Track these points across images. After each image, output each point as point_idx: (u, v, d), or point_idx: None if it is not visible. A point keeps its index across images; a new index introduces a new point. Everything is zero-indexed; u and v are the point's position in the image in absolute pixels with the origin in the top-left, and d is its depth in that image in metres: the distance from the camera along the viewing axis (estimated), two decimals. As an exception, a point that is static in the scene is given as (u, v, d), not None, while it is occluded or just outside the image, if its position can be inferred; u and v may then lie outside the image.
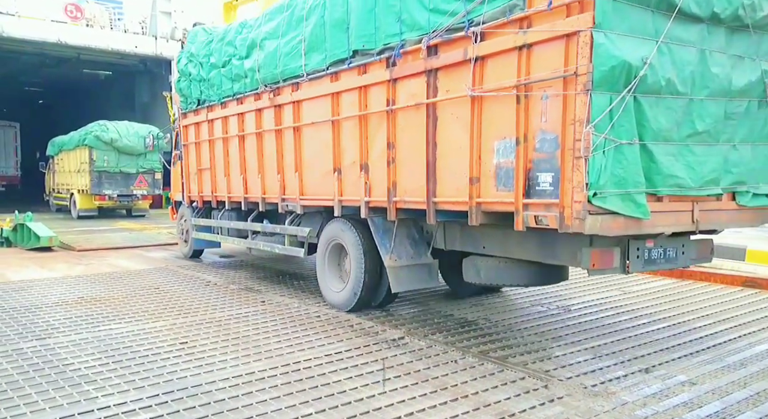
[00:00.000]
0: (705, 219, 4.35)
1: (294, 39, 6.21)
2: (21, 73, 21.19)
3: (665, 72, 3.87)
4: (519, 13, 4.00)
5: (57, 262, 9.47)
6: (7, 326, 5.43)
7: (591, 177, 3.61)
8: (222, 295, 6.85)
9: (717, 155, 4.30)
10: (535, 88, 3.94)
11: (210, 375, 4.13)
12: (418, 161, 4.89)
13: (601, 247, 4.16)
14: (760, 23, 4.38)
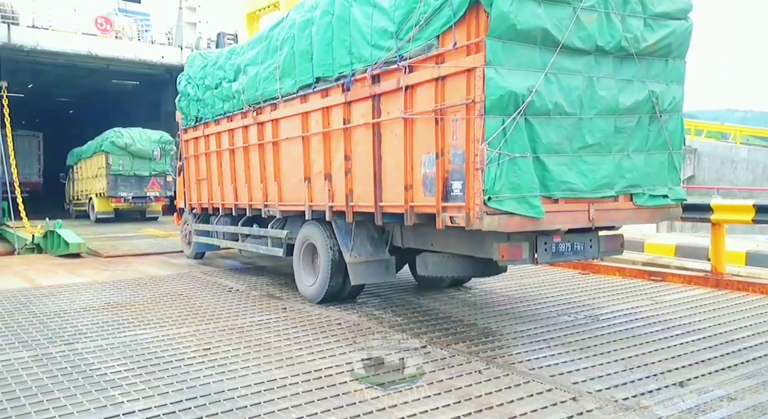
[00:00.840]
0: (602, 217, 5.18)
1: (271, 66, 7.22)
2: (53, 85, 21.85)
3: (552, 97, 4.73)
4: (435, 51, 4.96)
5: (85, 268, 9.69)
6: (38, 330, 5.56)
7: (487, 184, 4.50)
8: (244, 302, 6.90)
9: (609, 163, 5.12)
10: (448, 112, 4.84)
11: (232, 381, 4.15)
12: (368, 171, 5.80)
13: (510, 242, 4.98)
14: (645, 52, 5.21)
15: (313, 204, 6.73)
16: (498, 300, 6.88)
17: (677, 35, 5.42)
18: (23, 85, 19.87)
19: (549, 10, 4.68)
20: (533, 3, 4.63)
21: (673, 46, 5.41)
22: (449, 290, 7.51)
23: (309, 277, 6.93)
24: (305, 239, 6.97)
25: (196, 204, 10.04)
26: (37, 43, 16.76)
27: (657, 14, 5.29)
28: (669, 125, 5.52)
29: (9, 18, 16.78)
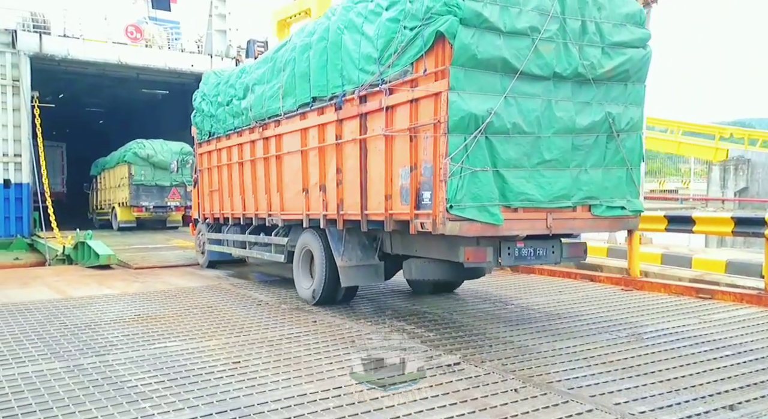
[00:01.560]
0: (559, 226, 5.87)
1: (275, 85, 8.09)
2: (84, 94, 22.66)
3: (511, 118, 5.45)
4: (410, 76, 5.72)
5: (115, 280, 10.00)
6: (69, 342, 5.77)
7: (449, 194, 5.24)
8: (273, 314, 7.03)
9: (567, 177, 5.83)
10: (421, 130, 5.58)
11: (262, 395, 4.24)
12: (356, 182, 6.55)
13: (475, 246, 5.69)
14: (602, 77, 5.91)
15: (310, 213, 7.48)
16: (535, 317, 6.85)
17: (634, 62, 6.11)
18: (54, 95, 20.68)
19: (508, 42, 5.42)
20: (493, 35, 5.36)
21: (630, 72, 6.12)
22: (485, 305, 7.51)
23: (306, 281, 7.72)
24: (303, 246, 7.75)
25: (209, 214, 10.89)
26: (68, 53, 17.46)
27: (614, 43, 5.98)
28: (627, 143, 6.22)
29: (41, 27, 17.55)
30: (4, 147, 16.36)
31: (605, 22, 5.94)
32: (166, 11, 32.94)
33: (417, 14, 5.52)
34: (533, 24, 5.51)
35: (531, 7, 5.52)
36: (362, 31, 6.34)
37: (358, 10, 6.53)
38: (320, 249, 7.28)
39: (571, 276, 9.79)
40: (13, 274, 11.09)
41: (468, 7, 5.20)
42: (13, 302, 7.83)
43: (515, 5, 5.45)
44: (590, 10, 5.84)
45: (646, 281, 8.71)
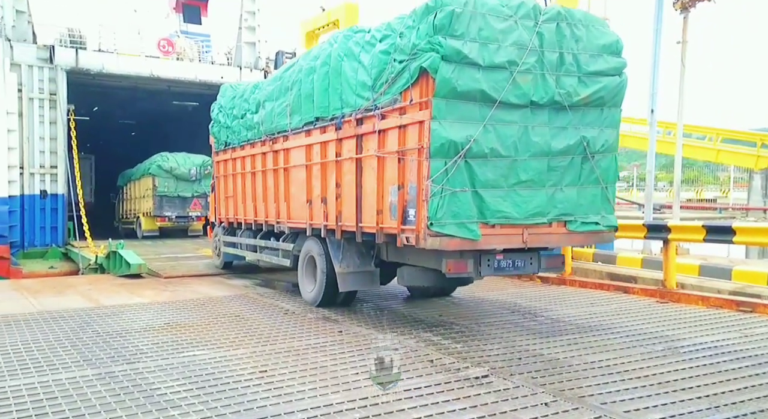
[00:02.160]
0: (535, 240, 6.40)
1: (283, 103, 8.76)
2: (117, 107, 23.32)
3: (489, 143, 6.00)
4: (399, 104, 6.31)
5: (145, 288, 10.21)
6: (101, 349, 5.92)
7: (430, 213, 5.83)
8: (300, 324, 7.09)
9: (542, 196, 6.36)
10: (408, 153, 6.19)
11: (289, 405, 4.28)
12: (352, 196, 7.19)
13: (457, 258, 6.26)
14: (578, 104, 6.42)
15: (313, 222, 8.13)
16: (566, 329, 6.74)
17: (610, 89, 6.60)
18: (88, 108, 21.34)
19: (487, 75, 5.93)
20: (472, 69, 5.87)
21: (606, 98, 6.60)
22: (514, 317, 7.44)
23: (309, 284, 8.34)
24: (307, 252, 8.40)
25: (225, 219, 11.65)
26: (102, 67, 18.01)
27: (591, 72, 6.46)
28: (602, 164, 6.71)
29: (77, 43, 18.17)
30: (41, 159, 16.92)
31: (582, 53, 6.43)
32: (197, 25, 33.81)
33: (405, 49, 6.12)
34: (511, 58, 6.04)
35: (510, 42, 6.03)
36: (359, 60, 6.99)
37: (356, 40, 7.22)
38: (321, 256, 7.91)
39: (603, 288, 9.62)
40: (48, 282, 11.43)
41: (449, 45, 5.74)
42: (48, 310, 8.06)
43: (494, 42, 5.97)
44: (568, 42, 6.34)
45: (683, 293, 8.50)
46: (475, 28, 5.89)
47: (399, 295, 9.25)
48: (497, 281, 10.87)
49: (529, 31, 6.13)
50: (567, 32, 6.33)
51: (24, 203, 16.54)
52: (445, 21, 5.78)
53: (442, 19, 5.78)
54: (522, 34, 6.08)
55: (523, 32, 6.10)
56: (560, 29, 6.30)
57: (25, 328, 6.91)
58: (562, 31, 6.31)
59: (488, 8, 6.00)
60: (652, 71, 13.31)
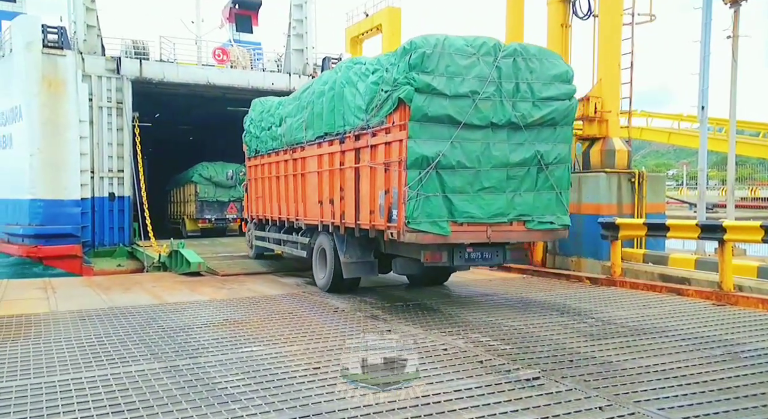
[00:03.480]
0: (497, 236, 7.66)
1: (300, 119, 10.23)
2: (176, 114, 24.07)
3: (456, 157, 7.27)
4: (385, 125, 7.63)
5: (204, 286, 10.53)
6: (166, 344, 6.13)
7: (407, 213, 7.10)
8: (350, 322, 7.15)
9: (503, 200, 7.60)
10: (392, 165, 7.46)
11: (342, 402, 4.32)
12: (352, 199, 8.48)
13: (434, 250, 7.53)
14: (533, 124, 7.65)
15: (323, 220, 9.39)
16: (618, 331, 6.56)
17: (560, 111, 7.79)
18: (151, 115, 22.14)
19: (453, 102, 7.21)
20: (441, 98, 7.15)
21: (557, 118, 7.80)
22: (564, 318, 7.29)
23: (321, 272, 9.61)
24: (319, 245, 9.67)
25: (255, 216, 13.30)
26: (163, 76, 18.65)
27: (543, 98, 7.66)
28: (555, 173, 7.89)
29: (141, 54, 18.90)
30: (109, 163, 17.66)
31: (536, 82, 7.62)
32: (249, 33, 34.57)
33: (389, 81, 7.44)
34: (474, 88, 7.28)
35: (472, 75, 7.27)
36: (357, 88, 8.31)
37: (354, 70, 8.50)
38: (330, 248, 9.16)
39: (655, 290, 9.30)
40: (116, 279, 11.93)
41: (421, 80, 7.04)
42: (117, 305, 8.42)
43: (459, 76, 7.20)
44: (523, 73, 7.55)
45: (741, 295, 8.12)
46: (443, 65, 7.15)
47: (450, 295, 9.21)
48: (544, 283, 10.67)
49: (489, 65, 7.38)
50: (522, 65, 7.55)
51: (94, 205, 17.30)
52: (417, 60, 7.07)
53: (415, 58, 7.07)
54: (483, 69, 7.34)
55: (484, 67, 7.35)
56: (516, 63, 7.52)
57: (98, 322, 7.23)
58: (518, 65, 7.53)
59: (454, 48, 7.25)
60: (701, 67, 12.80)
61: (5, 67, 17.94)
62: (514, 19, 15.08)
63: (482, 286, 10.25)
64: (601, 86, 12.51)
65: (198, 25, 23.80)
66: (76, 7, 17.55)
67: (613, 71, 12.57)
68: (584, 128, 13.02)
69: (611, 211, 11.64)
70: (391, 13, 28.16)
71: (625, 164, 12.51)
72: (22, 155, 16.90)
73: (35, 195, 16.48)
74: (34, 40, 16.43)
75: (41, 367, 5.28)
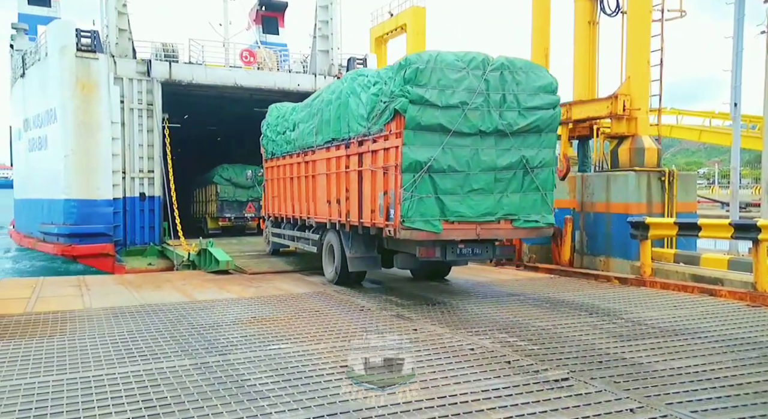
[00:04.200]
0: (486, 233, 8.26)
1: (311, 125, 11.05)
2: (204, 115, 24.41)
3: (447, 162, 7.87)
4: (384, 133, 8.28)
5: (232, 284, 10.65)
6: (196, 341, 6.22)
7: (403, 212, 7.72)
8: (375, 321, 7.15)
9: (491, 200, 8.19)
10: (389, 169, 8.10)
11: (369, 400, 4.32)
12: (356, 199, 9.17)
13: (428, 246, 8.16)
14: (519, 131, 8.22)
15: (331, 218, 10.07)
16: (648, 332, 6.42)
17: (545, 120, 8.38)
18: (180, 116, 22.51)
19: (444, 112, 7.81)
20: (433, 109, 7.76)
21: (542, 126, 8.38)
22: (592, 319, 7.17)
23: (329, 266, 10.37)
24: (328, 241, 10.38)
25: (272, 214, 14.07)
26: (192, 78, 18.94)
27: (528, 107, 8.24)
28: (540, 176, 8.47)
29: (170, 56, 19.21)
30: (140, 164, 18.00)
31: (521, 93, 8.21)
32: (275, 35, 34.88)
33: (387, 93, 8.11)
34: (463, 99, 7.87)
35: (462, 87, 7.86)
36: (360, 98, 9.00)
37: (358, 82, 9.19)
38: (337, 244, 9.90)
39: (686, 290, 9.08)
40: (147, 278, 12.15)
41: (415, 92, 7.69)
42: (148, 303, 8.57)
43: (449, 88, 7.81)
44: (510, 85, 8.15)
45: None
46: (435, 79, 7.77)
47: (476, 295, 9.15)
48: (572, 283, 10.52)
49: (477, 78, 7.97)
50: (509, 78, 8.15)
51: (126, 205, 17.65)
52: (412, 75, 7.71)
53: (410, 73, 7.72)
54: (472, 81, 7.93)
55: (473, 80, 7.94)
56: (503, 76, 8.12)
57: (130, 319, 7.37)
58: (505, 77, 8.13)
59: (446, 63, 7.84)
60: (734, 63, 12.47)
61: (41, 71, 18.44)
62: (540, 17, 14.90)
63: (508, 286, 10.15)
64: (630, 84, 12.28)
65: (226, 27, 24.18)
66: (109, 12, 17.91)
67: (642, 68, 12.32)
68: (612, 126, 12.80)
69: (640, 210, 11.42)
70: (416, 12, 28.09)
71: (655, 163, 12.26)
72: (57, 156, 17.34)
73: (69, 195, 16.89)
74: (68, 44, 16.85)
75: (76, 363, 5.40)
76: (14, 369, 5.19)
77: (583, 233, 12.96)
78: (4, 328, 6.84)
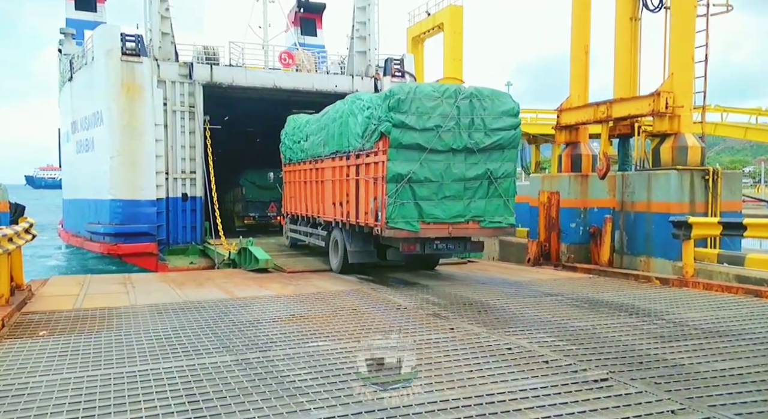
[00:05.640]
0: (457, 232, 10.00)
1: (319, 137, 12.88)
2: (244, 116, 24.83)
3: (424, 174, 9.58)
4: (374, 149, 9.95)
5: (272, 282, 10.83)
6: (237, 337, 6.35)
7: (387, 215, 9.47)
8: (412, 320, 7.16)
9: (461, 205, 9.88)
10: (378, 179, 9.79)
11: (407, 398, 4.33)
12: (354, 202, 10.91)
13: (410, 243, 9.93)
14: (485, 149, 9.87)
15: (336, 218, 11.80)
16: (690, 334, 6.24)
17: (507, 139, 10.03)
18: (220, 118, 22.98)
19: (421, 134, 9.51)
20: (412, 131, 9.47)
21: (504, 144, 10.04)
22: (632, 319, 7.01)
23: (335, 258, 12.00)
24: (333, 238, 12.10)
25: (289, 212, 15.89)
26: (232, 80, 19.29)
27: (493, 129, 9.90)
28: (503, 185, 10.14)
29: (211, 59, 19.60)
30: (182, 165, 18.42)
31: (488, 116, 9.82)
32: (313, 36, 35.22)
33: (376, 117, 9.82)
34: (437, 123, 9.54)
35: (437, 113, 9.55)
36: (357, 118, 10.63)
37: (357, 104, 10.80)
38: (341, 239, 11.59)
39: (731, 291, 8.78)
40: (189, 276, 12.44)
41: (397, 118, 9.40)
42: (191, 300, 8.79)
43: (426, 114, 9.49)
44: (477, 110, 9.78)
45: (828, 299, 7.54)
46: (414, 107, 9.45)
47: (514, 295, 9.04)
48: (611, 283, 10.30)
49: (450, 106, 9.60)
50: (477, 104, 9.76)
51: (168, 205, 18.08)
52: (394, 104, 9.40)
53: (393, 102, 9.40)
54: (445, 108, 9.57)
55: (446, 107, 9.57)
56: (472, 103, 9.75)
57: (173, 316, 7.57)
58: (473, 104, 9.75)
59: (423, 94, 9.56)
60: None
61: (88, 75, 19.08)
62: (580, 14, 14.62)
63: (546, 286, 10.01)
64: (673, 81, 11.93)
65: (265, 29, 24.54)
66: (152, 16, 18.39)
67: (686, 65, 11.96)
68: (654, 124, 12.46)
69: (683, 210, 11.09)
70: (453, 11, 27.94)
71: (698, 161, 11.88)
72: (103, 157, 17.91)
73: (115, 196, 17.43)
74: (113, 49, 17.37)
75: (123, 358, 5.58)
76: (64, 364, 5.40)
77: (623, 233, 12.66)
78: (54, 324, 7.13)
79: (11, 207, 11.21)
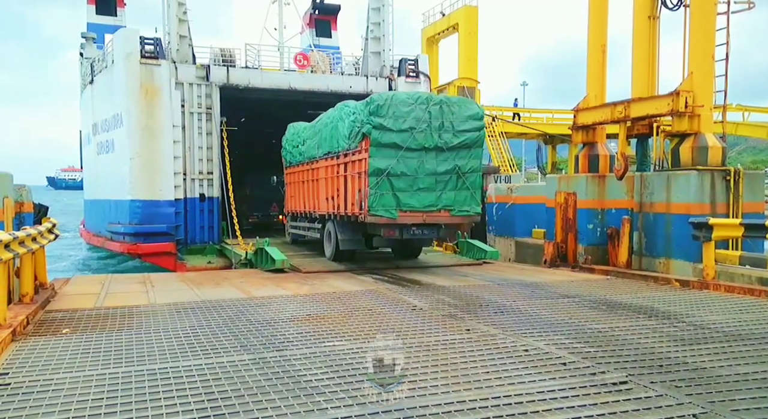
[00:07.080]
0: (430, 219, 11.61)
1: (314, 141, 14.46)
2: (260, 117, 25.03)
3: (401, 169, 11.33)
4: (359, 148, 11.67)
5: (288, 282, 10.90)
6: (254, 336, 6.40)
7: (369, 204, 11.23)
8: (428, 320, 7.15)
9: (433, 196, 11.51)
10: (361, 174, 11.56)
11: (423, 399, 4.34)
12: (343, 196, 12.43)
13: (389, 229, 11.59)
14: (453, 147, 11.52)
15: (328, 211, 13.24)
16: (711, 337, 6.16)
17: (473, 139, 11.68)
18: (237, 119, 23.18)
19: (398, 134, 11.09)
20: (390, 132, 11.05)
21: (470, 144, 11.66)
22: (651, 322, 6.93)
23: (328, 247, 13.54)
24: (327, 229, 13.59)
25: (290, 210, 17.24)
26: (249, 82, 19.46)
27: (460, 130, 11.52)
28: (469, 179, 11.73)
29: (228, 61, 19.81)
30: (199, 166, 18.64)
31: (455, 120, 11.46)
32: (328, 38, 35.35)
33: (359, 121, 11.36)
34: (412, 125, 11.15)
35: (411, 117, 11.14)
36: (344, 122, 12.15)
37: (345, 111, 12.31)
38: (333, 230, 13.09)
39: (753, 293, 8.64)
40: (207, 275, 12.57)
41: (376, 121, 11.01)
42: (208, 299, 8.88)
43: (402, 117, 11.09)
44: (447, 114, 11.39)
45: None
46: (392, 111, 11.05)
47: (530, 297, 9.00)
48: (629, 285, 10.19)
49: (423, 111, 11.22)
50: (446, 110, 11.40)
51: (186, 206, 18.30)
52: (374, 109, 11.03)
53: (373, 108, 11.04)
54: (418, 113, 11.18)
55: (419, 111, 11.19)
56: (442, 108, 11.38)
57: (192, 315, 7.66)
58: (443, 110, 11.39)
59: (399, 100, 11.18)
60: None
61: (108, 78, 19.38)
62: (597, 13, 14.49)
63: (563, 287, 9.94)
64: (693, 80, 11.78)
65: (280, 31, 24.67)
66: (170, 19, 18.63)
67: (706, 64, 11.80)
68: (674, 124, 12.31)
69: (703, 211, 10.94)
70: (468, 12, 27.87)
71: (719, 161, 11.71)
72: (123, 158, 18.18)
73: (134, 196, 17.68)
74: (133, 52, 17.64)
75: (143, 355, 5.66)
76: (86, 361, 5.49)
77: (642, 234, 12.52)
78: (77, 322, 7.25)
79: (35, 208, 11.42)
